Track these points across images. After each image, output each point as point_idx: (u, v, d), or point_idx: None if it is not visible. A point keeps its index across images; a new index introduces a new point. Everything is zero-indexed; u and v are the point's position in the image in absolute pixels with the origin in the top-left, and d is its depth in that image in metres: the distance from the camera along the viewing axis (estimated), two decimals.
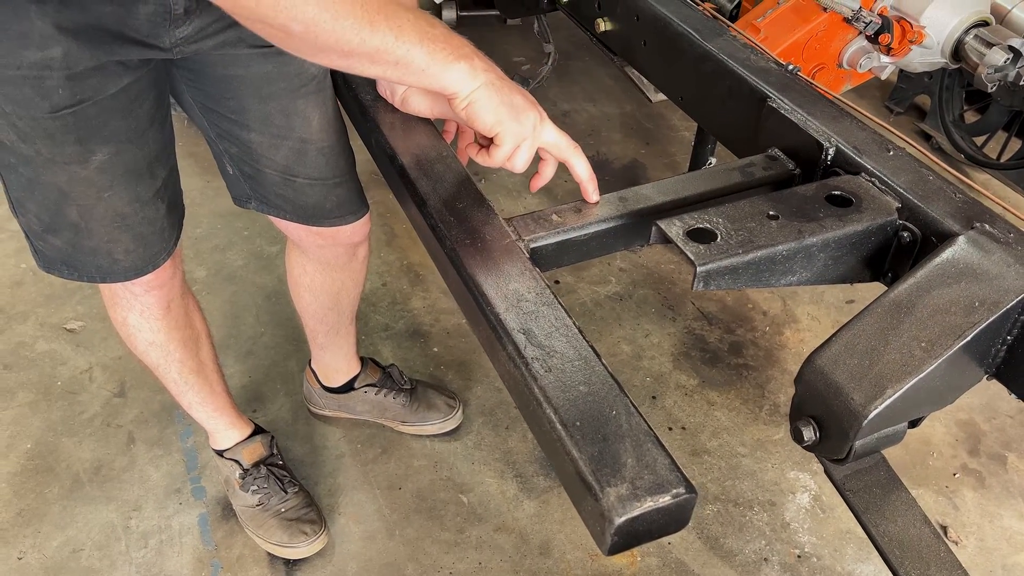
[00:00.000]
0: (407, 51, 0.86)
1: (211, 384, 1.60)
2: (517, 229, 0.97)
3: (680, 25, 1.34)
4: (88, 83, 1.02)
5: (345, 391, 1.87)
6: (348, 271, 1.57)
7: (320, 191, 1.33)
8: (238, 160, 1.31)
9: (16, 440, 1.86)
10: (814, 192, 0.99)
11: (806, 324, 2.25)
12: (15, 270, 2.27)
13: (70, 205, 1.13)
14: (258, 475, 1.68)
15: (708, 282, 0.88)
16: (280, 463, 1.73)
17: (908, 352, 0.82)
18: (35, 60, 0.97)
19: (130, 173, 1.15)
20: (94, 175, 1.11)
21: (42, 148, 1.06)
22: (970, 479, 1.90)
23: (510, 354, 0.82)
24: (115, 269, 1.24)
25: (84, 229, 1.17)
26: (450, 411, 1.90)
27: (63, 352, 2.06)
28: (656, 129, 2.98)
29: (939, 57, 1.88)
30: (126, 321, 1.40)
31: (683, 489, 0.70)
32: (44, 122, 1.03)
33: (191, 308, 1.50)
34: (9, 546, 1.67)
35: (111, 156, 1.10)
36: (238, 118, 1.23)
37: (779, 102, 1.14)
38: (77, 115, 1.04)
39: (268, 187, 1.33)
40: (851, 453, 0.85)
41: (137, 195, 1.17)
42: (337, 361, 1.83)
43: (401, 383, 1.89)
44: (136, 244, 1.22)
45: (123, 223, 1.18)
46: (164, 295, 1.37)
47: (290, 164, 1.28)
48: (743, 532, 1.76)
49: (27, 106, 1.01)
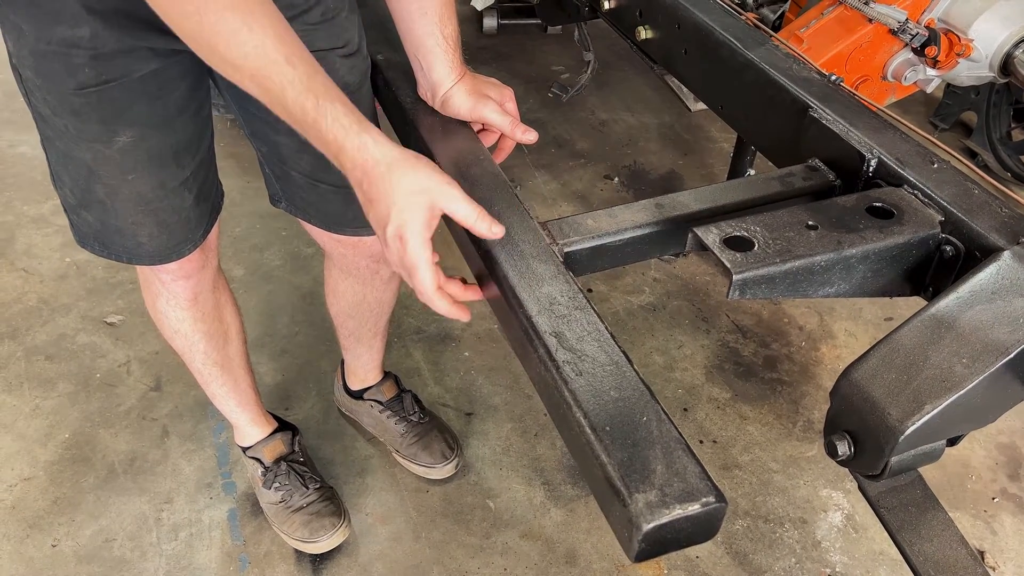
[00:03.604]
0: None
1: (235, 379, 1.61)
2: (552, 233, 0.97)
3: (722, 34, 1.33)
4: (114, 65, 1.03)
5: (356, 397, 1.87)
6: (370, 286, 1.56)
7: (343, 198, 1.32)
8: (268, 160, 1.33)
9: (55, 429, 1.90)
10: (855, 203, 0.97)
11: (843, 340, 2.22)
12: (60, 263, 2.32)
13: (97, 182, 1.15)
14: (279, 472, 1.70)
15: (744, 291, 0.87)
16: (301, 459, 1.74)
17: (948, 368, 0.80)
18: (64, 37, 1.00)
19: (154, 159, 1.15)
20: (118, 156, 1.12)
21: (69, 124, 1.08)
22: (1010, 504, 1.85)
23: (541, 357, 0.82)
24: (140, 252, 1.25)
25: (111, 208, 1.19)
26: (443, 460, 1.80)
27: (103, 345, 2.10)
28: (694, 140, 2.96)
29: (987, 71, 1.84)
30: (155, 305, 1.43)
31: (713, 498, 0.69)
32: (70, 98, 1.05)
33: (223, 303, 1.51)
34: (44, 533, 1.70)
35: (135, 139, 1.11)
36: (268, 118, 1.23)
37: (821, 112, 1.13)
38: (101, 95, 1.05)
39: (295, 190, 1.34)
40: (887, 469, 0.83)
41: (161, 181, 1.18)
42: (356, 366, 1.83)
43: (408, 412, 1.83)
44: (160, 230, 1.23)
45: (147, 207, 1.19)
46: (191, 286, 1.38)
47: (315, 170, 1.28)
48: (773, 549, 1.74)
49: (55, 80, 1.04)
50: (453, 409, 1.99)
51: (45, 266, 2.32)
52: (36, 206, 2.51)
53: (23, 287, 2.25)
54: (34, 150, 2.73)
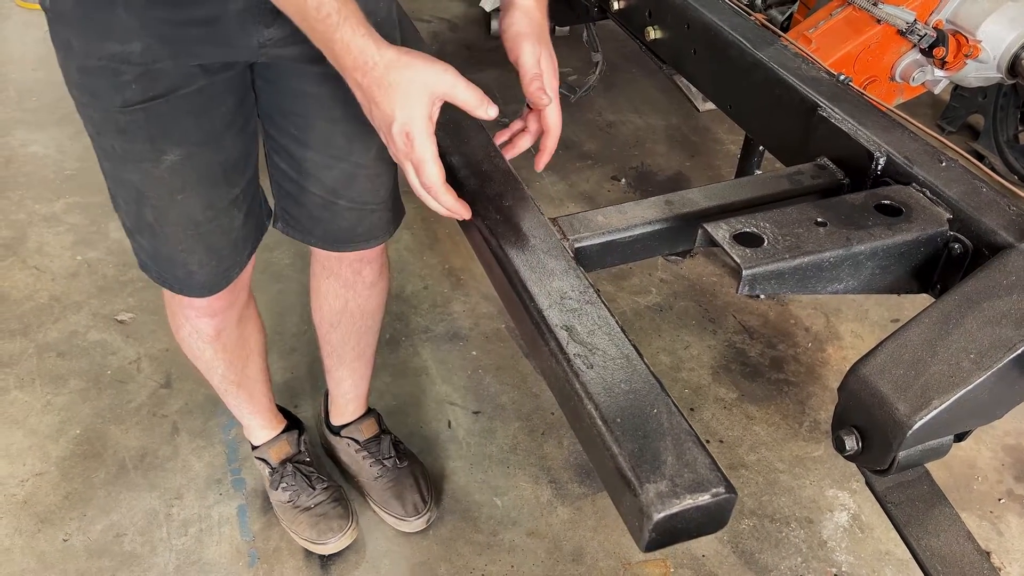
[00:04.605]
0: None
1: (251, 393, 1.61)
2: (562, 229, 0.98)
3: (731, 34, 1.34)
4: (162, 81, 1.02)
5: (334, 433, 1.80)
6: (352, 290, 1.52)
7: (356, 216, 1.32)
8: (284, 178, 1.30)
9: (66, 425, 1.91)
10: (863, 200, 0.98)
11: (849, 341, 2.22)
12: (71, 262, 2.34)
13: (146, 205, 1.14)
14: (285, 473, 1.69)
15: (753, 286, 0.88)
16: (307, 460, 1.73)
17: (956, 364, 0.81)
18: (114, 52, 0.99)
19: (204, 178, 1.13)
20: (166, 175, 1.10)
21: (116, 143, 1.07)
22: (1016, 505, 1.85)
23: (552, 350, 0.83)
24: (191, 282, 1.23)
25: (160, 234, 1.17)
26: (414, 513, 1.70)
27: (113, 342, 2.12)
28: (702, 142, 2.97)
29: (995, 72, 1.85)
30: (179, 332, 1.43)
31: (723, 489, 0.70)
32: (115, 115, 1.04)
33: (248, 333, 1.50)
34: (55, 528, 1.71)
35: (183, 158, 1.10)
36: (299, 134, 1.22)
37: (829, 111, 1.13)
38: (148, 112, 1.04)
39: (304, 209, 1.32)
40: (894, 464, 0.84)
41: (211, 201, 1.16)
42: (337, 395, 1.76)
43: (384, 455, 1.75)
44: (209, 256, 1.21)
45: (196, 230, 1.17)
46: (216, 323, 1.37)
47: (337, 187, 1.27)
48: (779, 548, 1.74)
49: (101, 97, 1.03)
50: (460, 407, 2.00)
51: (56, 264, 2.33)
52: (48, 205, 2.53)
53: (35, 285, 2.27)
54: (46, 149, 2.76)
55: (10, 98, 3.01)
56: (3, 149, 2.76)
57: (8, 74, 3.15)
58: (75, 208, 2.52)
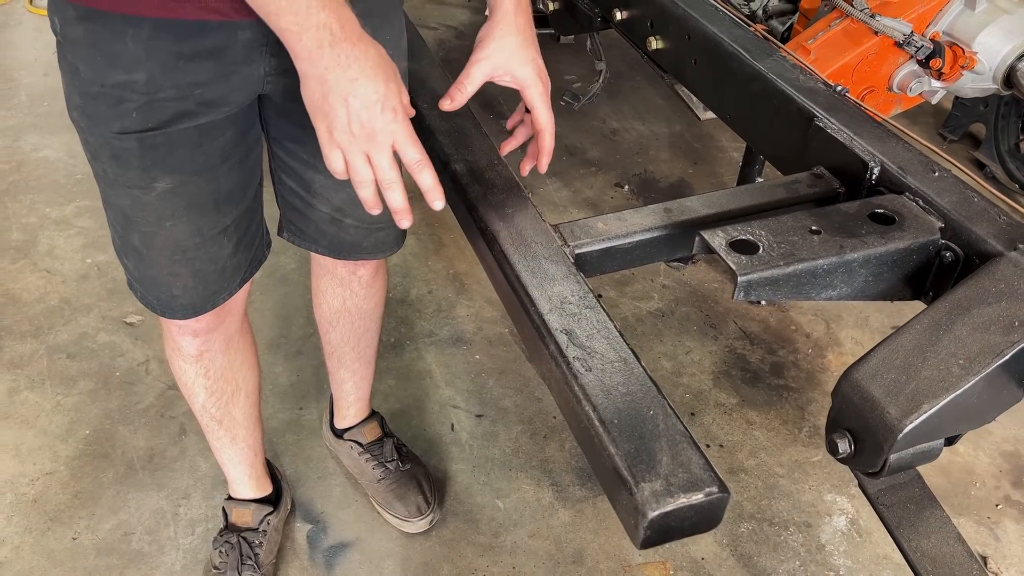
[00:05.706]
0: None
1: (232, 437, 1.55)
2: (563, 235, 1.01)
3: (731, 45, 1.37)
4: (162, 112, 1.02)
5: (338, 436, 1.82)
6: (350, 289, 1.52)
7: (362, 233, 1.34)
8: (291, 195, 1.31)
9: (76, 426, 1.94)
10: (857, 209, 1.01)
11: (849, 348, 2.24)
12: (81, 264, 2.38)
13: (134, 230, 1.14)
14: (229, 541, 1.63)
15: (748, 292, 0.91)
16: (259, 541, 1.63)
17: (946, 369, 0.83)
18: (119, 81, 0.99)
19: (194, 206, 1.12)
20: (156, 202, 1.10)
21: (108, 168, 1.08)
22: (1013, 511, 1.87)
23: (552, 353, 0.85)
24: (173, 305, 1.23)
25: (146, 258, 1.17)
26: (417, 514, 1.73)
27: (122, 344, 2.15)
28: (704, 149, 2.99)
29: (991, 83, 1.87)
30: (165, 347, 1.40)
31: (716, 488, 0.72)
32: (111, 141, 1.04)
33: (238, 364, 1.45)
34: (64, 527, 1.74)
35: (174, 186, 1.09)
36: (310, 159, 1.22)
37: (826, 121, 1.16)
38: (143, 140, 1.04)
39: (311, 223, 1.33)
40: (885, 467, 0.86)
41: (199, 229, 1.15)
42: (339, 396, 1.78)
43: (387, 458, 1.77)
44: (195, 281, 1.20)
45: (183, 256, 1.17)
46: (197, 344, 1.35)
47: (344, 206, 1.28)
48: (777, 552, 1.76)
49: (99, 122, 1.03)
50: (464, 411, 2.03)
51: (67, 267, 2.37)
52: (59, 208, 2.57)
53: (45, 287, 2.30)
54: (57, 153, 2.79)
55: (21, 103, 3.06)
56: (15, 153, 2.80)
57: (19, 79, 3.20)
58: (85, 212, 2.55)
